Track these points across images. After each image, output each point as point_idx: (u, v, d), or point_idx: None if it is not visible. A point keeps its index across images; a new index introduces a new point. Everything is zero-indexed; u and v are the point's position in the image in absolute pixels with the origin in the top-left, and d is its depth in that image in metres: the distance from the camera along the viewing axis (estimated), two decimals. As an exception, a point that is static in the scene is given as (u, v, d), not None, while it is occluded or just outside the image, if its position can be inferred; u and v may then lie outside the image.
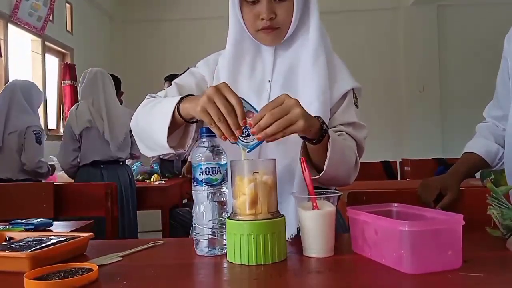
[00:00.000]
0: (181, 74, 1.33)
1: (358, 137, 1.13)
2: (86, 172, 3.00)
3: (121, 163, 3.13)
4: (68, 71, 4.61)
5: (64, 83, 4.61)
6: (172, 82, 1.22)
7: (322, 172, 0.99)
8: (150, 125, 1.06)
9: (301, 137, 0.98)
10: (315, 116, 0.96)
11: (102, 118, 2.99)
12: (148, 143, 1.11)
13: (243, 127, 0.88)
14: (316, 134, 0.95)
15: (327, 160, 0.98)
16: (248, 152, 0.90)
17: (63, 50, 4.78)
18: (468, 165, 1.35)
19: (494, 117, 1.38)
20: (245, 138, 0.89)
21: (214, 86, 0.90)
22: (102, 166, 3.02)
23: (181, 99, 1.00)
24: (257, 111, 0.90)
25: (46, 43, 4.38)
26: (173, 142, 1.03)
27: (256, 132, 0.87)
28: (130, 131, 3.19)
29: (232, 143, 0.90)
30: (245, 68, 1.16)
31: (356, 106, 1.17)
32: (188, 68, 1.30)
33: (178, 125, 1.03)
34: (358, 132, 1.14)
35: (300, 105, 0.89)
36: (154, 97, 1.17)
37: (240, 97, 0.89)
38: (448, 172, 1.34)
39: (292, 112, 0.87)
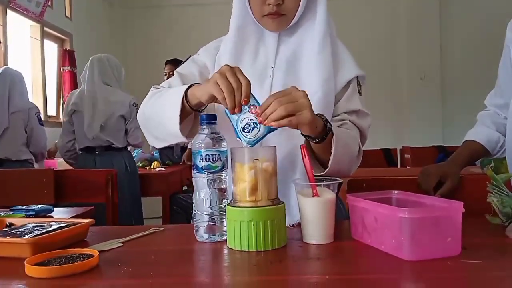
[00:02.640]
0: (184, 61, 1.32)
1: (362, 126, 1.13)
2: (83, 158, 3.04)
3: (116, 150, 3.08)
4: (68, 57, 4.58)
5: (63, 69, 4.59)
6: (175, 72, 1.20)
7: (326, 170, 0.99)
8: (160, 114, 1.05)
9: (305, 136, 0.97)
10: (317, 114, 0.95)
11: (88, 105, 2.98)
12: (157, 134, 1.10)
13: (245, 119, 0.89)
14: (320, 133, 0.95)
15: (331, 158, 0.98)
16: (250, 146, 0.90)
17: (62, 36, 4.75)
18: (469, 153, 1.34)
19: (495, 105, 1.38)
20: (247, 134, 0.90)
21: (227, 65, 0.90)
22: (97, 152, 3.02)
23: (189, 87, 0.99)
24: (260, 104, 0.91)
25: (45, 29, 4.35)
26: (184, 131, 1.02)
27: (262, 121, 0.87)
28: (124, 117, 3.14)
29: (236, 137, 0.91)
30: (247, 54, 1.15)
31: (360, 93, 1.16)
32: (190, 56, 1.29)
33: (187, 114, 1.02)
34: (362, 121, 1.14)
35: (308, 97, 0.89)
36: (159, 88, 1.16)
37: None
38: (448, 159, 1.34)
39: (299, 101, 0.87)
